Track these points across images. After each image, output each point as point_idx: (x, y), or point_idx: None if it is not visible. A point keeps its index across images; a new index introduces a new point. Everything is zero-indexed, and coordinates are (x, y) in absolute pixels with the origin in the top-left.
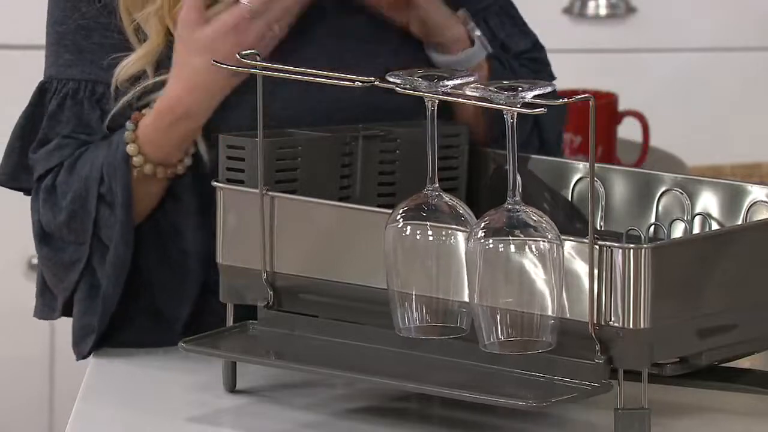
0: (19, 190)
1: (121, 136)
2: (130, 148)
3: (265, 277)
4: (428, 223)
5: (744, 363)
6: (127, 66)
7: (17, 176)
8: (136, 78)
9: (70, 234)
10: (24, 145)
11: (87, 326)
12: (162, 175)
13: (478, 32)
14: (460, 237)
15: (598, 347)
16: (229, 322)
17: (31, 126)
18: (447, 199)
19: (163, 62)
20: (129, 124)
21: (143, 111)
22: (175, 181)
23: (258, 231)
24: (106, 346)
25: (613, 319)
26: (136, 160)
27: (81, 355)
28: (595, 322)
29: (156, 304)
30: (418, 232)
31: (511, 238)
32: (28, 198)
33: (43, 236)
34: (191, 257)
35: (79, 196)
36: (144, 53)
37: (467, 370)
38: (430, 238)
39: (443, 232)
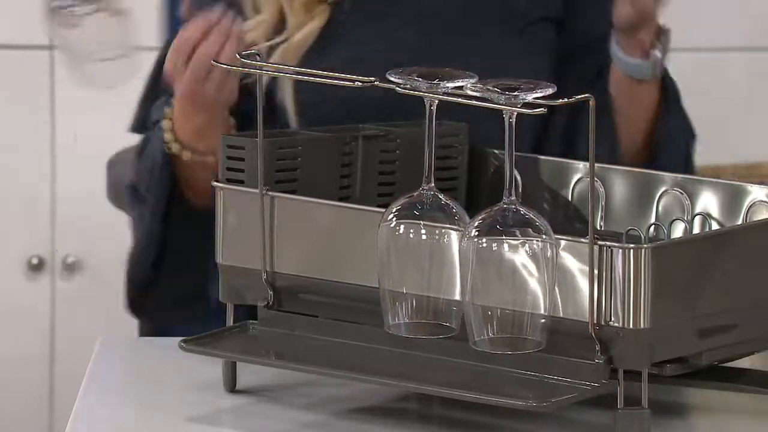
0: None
1: None
2: (165, 123)
3: (265, 277)
4: (421, 222)
5: (744, 363)
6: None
7: (146, 125)
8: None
9: (144, 187)
10: (153, 94)
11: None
12: (187, 158)
13: (658, 54)
14: (454, 236)
15: (598, 347)
16: (229, 322)
17: (157, 78)
18: (441, 197)
19: (270, 36)
20: (171, 101)
21: None
22: None
23: (258, 231)
24: (148, 331)
25: (613, 319)
26: (167, 136)
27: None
28: (595, 322)
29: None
30: (411, 230)
31: (504, 237)
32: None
33: (133, 185)
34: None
35: (153, 149)
36: (255, 24)
37: (467, 370)
38: (423, 237)
39: (436, 231)
